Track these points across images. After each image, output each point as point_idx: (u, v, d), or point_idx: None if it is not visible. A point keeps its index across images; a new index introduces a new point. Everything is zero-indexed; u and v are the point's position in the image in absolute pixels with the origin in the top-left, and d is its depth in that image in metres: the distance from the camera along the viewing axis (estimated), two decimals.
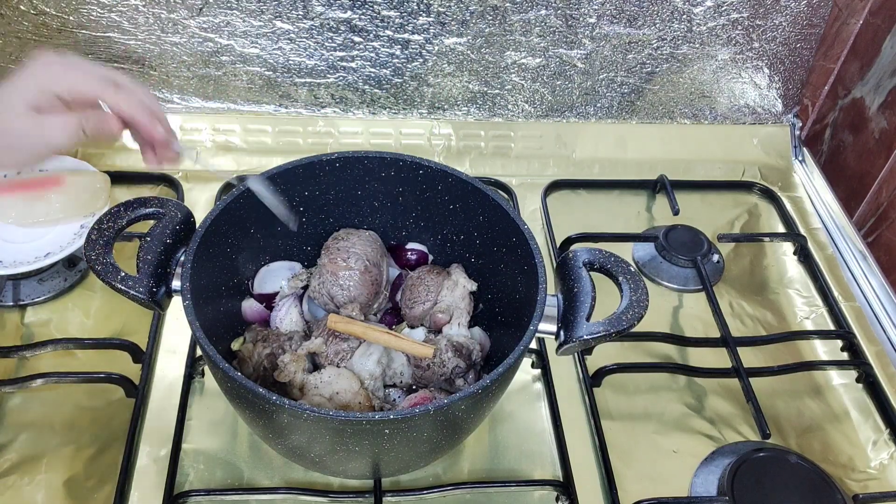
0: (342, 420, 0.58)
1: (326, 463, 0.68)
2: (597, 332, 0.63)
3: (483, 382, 0.60)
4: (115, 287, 0.62)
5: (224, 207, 0.71)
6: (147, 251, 0.65)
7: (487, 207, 0.75)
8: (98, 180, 0.92)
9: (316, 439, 0.63)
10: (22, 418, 0.77)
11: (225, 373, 0.59)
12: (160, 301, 0.64)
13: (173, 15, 0.97)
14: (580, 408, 0.82)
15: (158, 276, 0.64)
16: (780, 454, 0.77)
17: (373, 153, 0.77)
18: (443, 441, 0.67)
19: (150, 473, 0.73)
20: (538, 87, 1.08)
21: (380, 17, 0.99)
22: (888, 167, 1.01)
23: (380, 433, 0.60)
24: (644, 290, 0.66)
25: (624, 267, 0.67)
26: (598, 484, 0.76)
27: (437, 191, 0.78)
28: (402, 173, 0.78)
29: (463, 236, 0.80)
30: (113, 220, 0.66)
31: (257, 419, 0.64)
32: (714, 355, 0.87)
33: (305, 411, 0.57)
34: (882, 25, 1.02)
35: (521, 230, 0.71)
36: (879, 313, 0.96)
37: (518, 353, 0.62)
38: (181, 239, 0.67)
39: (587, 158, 1.12)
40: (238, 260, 0.78)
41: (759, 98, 1.13)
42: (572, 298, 0.66)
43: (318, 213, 0.81)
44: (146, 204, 0.68)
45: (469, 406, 0.63)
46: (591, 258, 0.67)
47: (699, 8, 1.02)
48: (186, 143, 1.06)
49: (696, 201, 1.07)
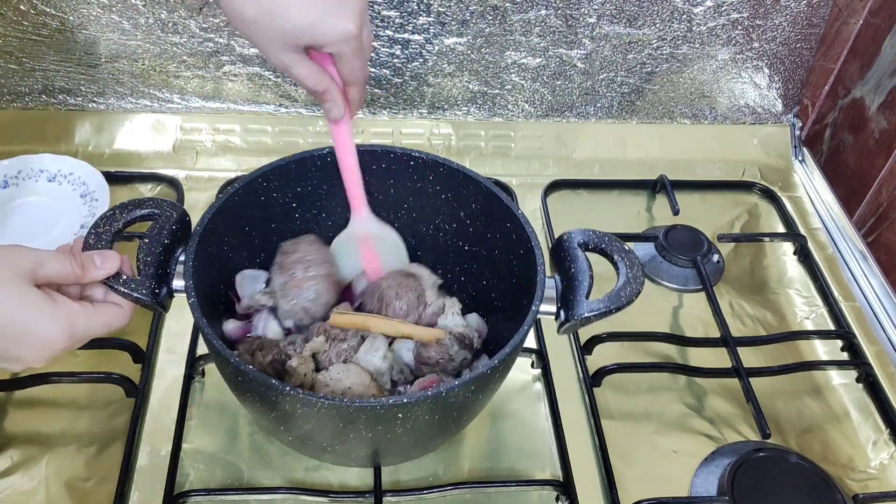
0: (357, 407, 0.58)
1: (335, 451, 0.68)
2: (597, 309, 0.64)
3: (492, 363, 0.61)
4: (117, 290, 0.62)
5: (220, 206, 0.71)
6: (146, 253, 0.64)
7: (480, 195, 0.75)
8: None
9: (328, 428, 0.63)
10: (22, 418, 0.77)
11: (236, 367, 0.59)
12: (163, 302, 0.64)
13: (173, 15, 0.97)
14: (580, 408, 0.82)
15: (159, 277, 0.64)
16: (780, 454, 0.77)
17: (364, 146, 0.77)
18: (451, 424, 0.69)
19: (150, 473, 0.73)
20: (538, 87, 1.08)
21: (380, 16, 0.99)
22: (888, 167, 1.01)
23: (393, 418, 0.60)
24: (640, 266, 0.67)
25: (618, 246, 0.68)
26: (598, 484, 0.76)
27: (429, 181, 0.78)
28: (394, 165, 0.78)
29: (455, 224, 0.81)
30: (109, 223, 0.65)
31: (268, 412, 0.64)
32: (714, 355, 0.87)
33: (320, 400, 0.58)
34: (882, 25, 1.02)
35: (516, 215, 0.72)
36: (879, 313, 0.96)
37: (522, 333, 0.64)
38: (179, 239, 0.67)
39: (587, 158, 1.12)
40: (235, 259, 0.78)
41: (759, 98, 1.13)
42: (570, 279, 0.66)
43: (311, 208, 0.81)
44: (141, 205, 0.68)
45: (478, 387, 0.64)
46: (585, 239, 0.68)
47: (699, 8, 1.02)
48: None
49: (696, 201, 1.07)
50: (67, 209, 0.94)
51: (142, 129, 1.06)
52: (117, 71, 1.02)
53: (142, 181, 1.02)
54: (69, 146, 1.04)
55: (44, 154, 0.97)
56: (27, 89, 1.03)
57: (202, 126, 1.07)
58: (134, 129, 1.06)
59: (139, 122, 1.06)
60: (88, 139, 1.05)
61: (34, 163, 0.96)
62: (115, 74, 1.02)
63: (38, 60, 1.00)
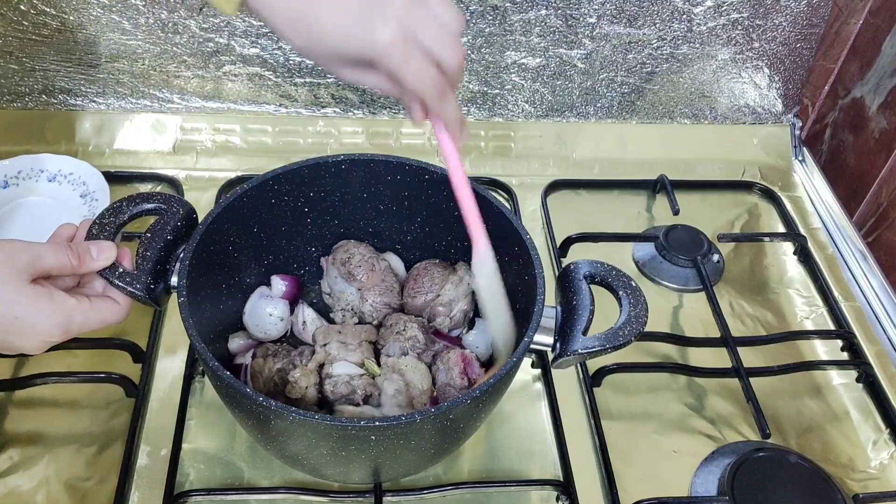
0: (329, 426, 0.58)
1: (317, 467, 0.67)
2: (592, 347, 0.62)
3: (472, 393, 0.60)
4: (112, 283, 0.61)
5: (227, 206, 0.70)
6: (147, 247, 0.64)
7: (492, 214, 0.74)
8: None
9: (302, 442, 0.62)
10: (22, 418, 0.77)
11: (214, 371, 0.59)
12: (157, 298, 0.64)
13: (173, 15, 0.97)
14: (580, 408, 0.82)
15: (157, 273, 0.63)
16: (780, 454, 0.77)
17: (379, 156, 0.76)
18: (431, 450, 0.67)
19: (150, 473, 0.73)
20: (538, 87, 1.08)
21: None
22: (888, 167, 1.01)
23: (366, 439, 0.59)
24: (644, 305, 0.65)
25: (625, 281, 0.66)
26: (598, 484, 0.76)
27: (443, 196, 0.77)
28: (408, 177, 0.77)
29: (467, 242, 0.79)
30: (115, 215, 0.65)
31: (245, 420, 0.64)
32: (714, 355, 0.87)
33: (292, 413, 0.57)
34: (882, 25, 1.02)
35: (524, 239, 0.70)
36: (879, 313, 0.96)
37: (510, 364, 0.62)
38: (183, 236, 0.67)
39: (587, 158, 1.12)
40: (240, 259, 0.77)
41: (759, 98, 1.13)
42: (571, 311, 0.65)
43: (324, 214, 0.81)
44: (149, 199, 0.67)
45: (460, 415, 0.62)
46: (592, 271, 0.67)
47: (699, 8, 1.02)
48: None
49: (696, 201, 1.07)
50: (67, 209, 0.94)
51: (142, 129, 1.06)
52: (117, 71, 1.02)
53: (142, 181, 1.02)
54: (69, 146, 1.04)
55: (44, 154, 0.97)
56: (27, 89, 1.03)
57: (202, 126, 1.07)
58: (134, 129, 1.06)
59: (139, 122, 1.06)
60: (88, 139, 1.05)
61: (34, 163, 0.97)
62: (115, 74, 1.02)
63: (38, 60, 1.00)
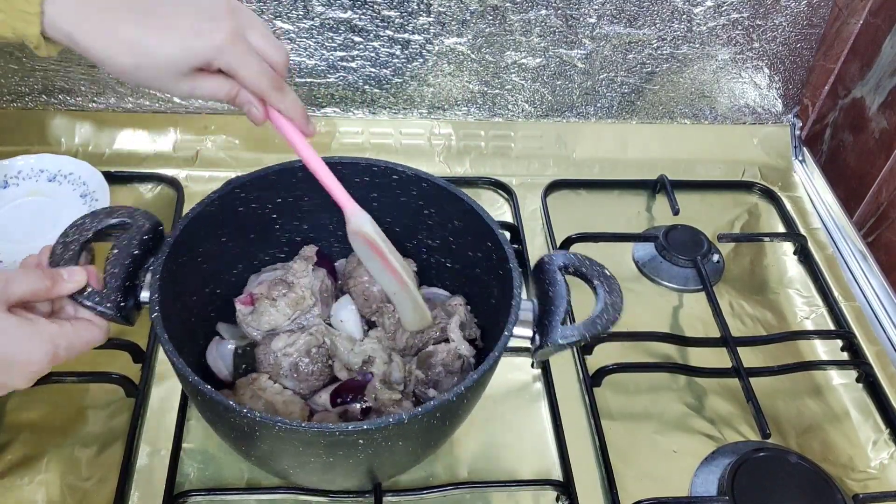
0: (317, 433, 0.57)
1: (296, 475, 0.67)
2: (570, 337, 0.62)
3: (458, 390, 0.59)
4: (81, 304, 0.59)
5: (193, 217, 0.69)
6: (113, 264, 0.62)
7: (462, 211, 0.73)
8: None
9: (276, 447, 0.62)
10: (22, 418, 0.77)
11: (185, 377, 0.58)
12: (128, 314, 0.62)
13: None
14: (580, 408, 0.82)
15: (126, 290, 0.61)
16: (780, 454, 0.77)
17: (347, 158, 0.75)
18: (419, 449, 0.67)
19: (150, 473, 0.73)
20: (538, 87, 1.08)
21: (380, 16, 0.99)
22: (888, 167, 1.01)
23: (354, 444, 0.58)
24: (618, 292, 0.64)
25: (599, 270, 0.66)
26: (598, 484, 0.76)
27: (412, 195, 0.76)
28: (377, 178, 0.76)
29: (439, 241, 0.79)
30: (79, 232, 0.63)
31: (228, 433, 0.64)
32: (714, 355, 0.87)
33: (277, 423, 0.56)
34: (882, 25, 1.02)
35: (496, 233, 0.69)
36: (879, 313, 0.96)
37: (492, 360, 0.61)
38: (150, 250, 0.65)
39: (587, 158, 1.12)
40: (211, 268, 0.75)
41: (759, 98, 1.13)
42: (548, 302, 0.64)
43: (292, 219, 0.80)
44: (112, 214, 0.65)
45: (444, 413, 0.62)
46: (566, 262, 0.66)
47: (699, 8, 1.02)
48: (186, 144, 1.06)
49: (696, 201, 1.07)
50: (67, 209, 0.93)
51: (142, 129, 1.06)
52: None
53: (142, 181, 1.02)
54: (69, 146, 1.04)
55: (44, 154, 0.97)
56: (27, 89, 1.03)
57: (202, 126, 1.07)
58: (134, 129, 1.06)
59: (139, 122, 1.06)
60: (88, 139, 1.05)
61: (34, 163, 0.96)
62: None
63: (38, 60, 1.00)
